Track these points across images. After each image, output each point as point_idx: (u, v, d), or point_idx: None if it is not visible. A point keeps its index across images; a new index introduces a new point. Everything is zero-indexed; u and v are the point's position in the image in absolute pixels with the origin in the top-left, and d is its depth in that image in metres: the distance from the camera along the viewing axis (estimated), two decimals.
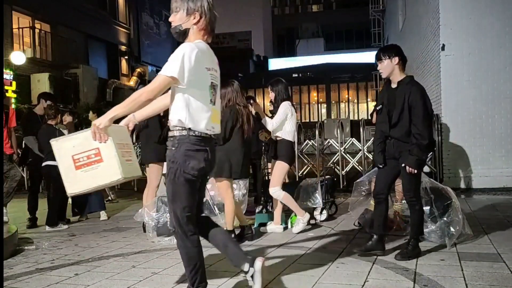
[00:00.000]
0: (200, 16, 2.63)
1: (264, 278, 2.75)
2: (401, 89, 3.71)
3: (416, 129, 3.61)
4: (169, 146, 2.62)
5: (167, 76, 2.49)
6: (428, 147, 3.67)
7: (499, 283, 3.06)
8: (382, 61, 3.75)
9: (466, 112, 8.00)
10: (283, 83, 4.97)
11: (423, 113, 3.60)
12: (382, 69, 3.78)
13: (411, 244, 3.75)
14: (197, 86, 2.58)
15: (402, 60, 3.76)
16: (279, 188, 4.77)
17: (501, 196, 7.22)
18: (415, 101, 3.61)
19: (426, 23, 9.68)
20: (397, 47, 3.85)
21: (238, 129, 4.46)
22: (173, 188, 2.60)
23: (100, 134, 2.52)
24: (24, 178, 10.10)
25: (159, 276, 3.51)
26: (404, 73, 3.81)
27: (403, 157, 3.68)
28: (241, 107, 4.50)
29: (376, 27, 22.43)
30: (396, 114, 3.69)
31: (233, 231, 4.52)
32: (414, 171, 3.64)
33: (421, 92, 3.67)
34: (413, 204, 3.78)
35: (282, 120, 4.77)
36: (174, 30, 2.66)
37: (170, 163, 2.59)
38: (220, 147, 4.47)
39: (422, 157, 3.65)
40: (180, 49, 2.53)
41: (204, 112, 2.61)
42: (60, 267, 3.89)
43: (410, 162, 3.63)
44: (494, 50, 7.94)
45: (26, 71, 16.13)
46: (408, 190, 3.77)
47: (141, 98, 2.49)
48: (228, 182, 4.52)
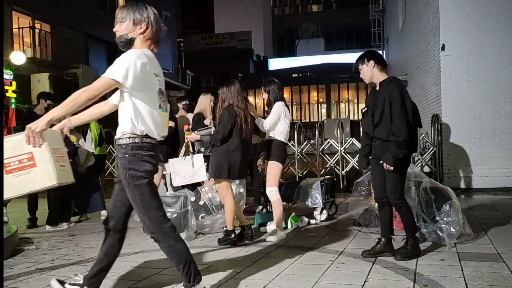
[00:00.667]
0: (147, 27, 2.70)
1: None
2: (382, 89, 3.75)
3: (393, 126, 3.61)
4: (121, 154, 2.61)
5: (110, 78, 2.51)
6: (407, 145, 3.63)
7: (499, 283, 3.06)
8: (360, 68, 3.85)
9: (466, 112, 8.00)
10: (276, 83, 4.96)
11: (399, 110, 3.59)
12: (363, 76, 3.86)
13: (409, 243, 3.75)
14: (146, 92, 2.63)
15: (378, 63, 3.81)
16: (276, 190, 4.77)
17: (501, 196, 7.22)
18: (393, 99, 3.62)
19: (426, 23, 9.68)
20: (370, 52, 3.91)
21: (236, 130, 4.45)
22: (139, 193, 2.60)
23: (35, 138, 2.49)
24: None
25: (159, 276, 3.51)
26: (386, 74, 3.86)
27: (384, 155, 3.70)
28: (238, 108, 4.49)
29: (376, 27, 22.46)
30: (378, 113, 3.71)
31: (233, 231, 4.52)
32: (390, 168, 3.62)
33: (399, 89, 3.66)
34: (400, 206, 3.76)
35: (275, 120, 4.76)
36: (119, 40, 2.70)
37: (127, 171, 2.59)
38: (219, 148, 4.48)
39: (398, 154, 3.59)
40: (127, 54, 2.57)
41: (154, 118, 2.65)
42: (60, 267, 3.89)
43: (386, 159, 3.62)
44: (494, 50, 7.95)
45: (26, 71, 16.11)
46: (393, 191, 3.72)
47: (81, 97, 2.49)
48: (227, 182, 4.52)
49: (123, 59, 2.55)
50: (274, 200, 4.76)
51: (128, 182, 2.60)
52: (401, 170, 3.73)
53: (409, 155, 3.80)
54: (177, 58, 31.12)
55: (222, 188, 4.54)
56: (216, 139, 4.45)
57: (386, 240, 3.82)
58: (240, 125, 4.46)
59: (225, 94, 4.53)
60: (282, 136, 4.81)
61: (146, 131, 2.61)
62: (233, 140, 4.46)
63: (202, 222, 5.21)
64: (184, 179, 5.17)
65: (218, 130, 4.45)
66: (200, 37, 39.24)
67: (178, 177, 5.10)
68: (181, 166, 5.19)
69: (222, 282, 3.26)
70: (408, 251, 3.71)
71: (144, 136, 2.60)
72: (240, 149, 4.50)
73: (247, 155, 4.68)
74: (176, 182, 5.12)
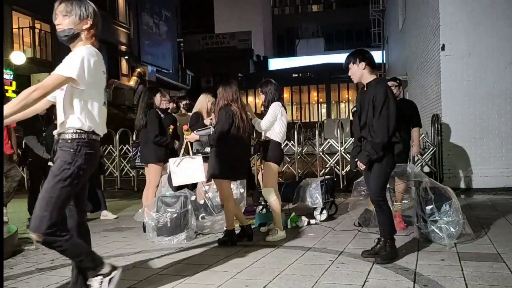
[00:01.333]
0: (92, 23, 2.68)
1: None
2: (369, 90, 3.76)
3: (372, 127, 3.64)
4: (66, 148, 2.58)
5: (65, 76, 2.49)
6: (384, 148, 3.62)
7: (499, 283, 3.06)
8: (350, 67, 3.82)
9: (466, 112, 8.00)
10: (273, 84, 4.96)
11: (380, 112, 3.60)
12: (352, 75, 3.84)
13: (388, 245, 3.70)
14: (96, 89, 2.66)
15: (369, 64, 3.81)
16: (273, 191, 4.77)
17: (501, 196, 7.22)
18: (377, 100, 3.63)
19: (426, 23, 9.68)
20: (362, 52, 3.87)
21: (233, 130, 4.45)
22: (65, 189, 2.53)
23: None
24: (24, 178, 10.10)
25: (159, 276, 3.51)
26: (375, 75, 3.86)
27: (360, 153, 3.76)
28: (235, 108, 4.49)
29: (376, 27, 22.47)
30: (364, 115, 3.74)
31: (233, 231, 4.52)
32: (363, 166, 3.67)
33: (383, 91, 3.65)
34: (381, 205, 3.76)
35: (272, 121, 4.76)
36: (63, 33, 2.65)
37: (66, 165, 2.54)
38: (217, 149, 4.48)
39: (372, 155, 3.61)
40: (79, 51, 2.57)
41: (100, 114, 2.69)
42: (60, 267, 3.88)
43: (360, 157, 3.68)
44: (494, 50, 7.95)
45: (26, 71, 16.13)
46: (374, 189, 3.75)
47: (34, 94, 2.44)
48: (227, 182, 4.52)
49: (75, 56, 2.54)
50: (272, 200, 4.76)
51: (56, 174, 2.55)
52: (384, 170, 3.72)
53: (393, 156, 3.77)
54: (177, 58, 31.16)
55: (222, 188, 4.54)
56: (215, 139, 4.45)
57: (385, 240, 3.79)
58: (238, 125, 4.45)
59: (221, 93, 4.54)
60: (278, 136, 4.81)
61: (94, 128, 2.64)
62: (231, 140, 4.46)
63: (202, 223, 5.21)
64: (184, 179, 5.17)
65: (216, 130, 4.45)
66: (200, 37, 39.26)
67: (177, 177, 5.09)
68: (181, 166, 5.19)
69: (222, 282, 3.26)
70: (388, 253, 3.67)
71: (90, 132, 2.63)
72: (239, 149, 4.50)
73: (246, 155, 4.67)
74: (176, 182, 5.11)
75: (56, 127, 2.73)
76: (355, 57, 3.80)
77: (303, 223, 5.33)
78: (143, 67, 24.71)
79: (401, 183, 5.03)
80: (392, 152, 3.73)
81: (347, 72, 3.89)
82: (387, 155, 3.69)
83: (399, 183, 5.06)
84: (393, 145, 3.72)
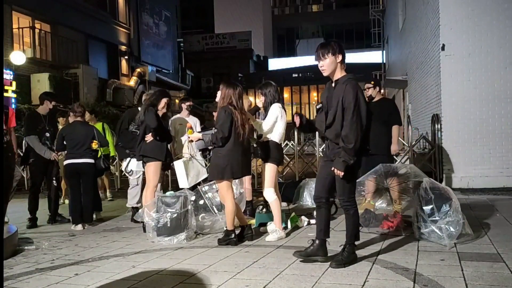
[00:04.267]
0: None
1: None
2: (338, 88, 3.55)
3: (343, 131, 3.46)
4: None
5: None
6: (357, 152, 3.47)
7: (499, 283, 3.06)
8: (326, 58, 3.53)
9: (466, 112, 8.00)
10: (273, 86, 4.98)
11: (351, 116, 3.43)
12: (325, 67, 3.55)
13: (346, 250, 3.61)
14: None
15: (344, 59, 3.60)
16: (273, 191, 4.78)
17: (501, 196, 7.22)
18: (347, 103, 3.45)
19: (426, 23, 9.68)
20: (340, 44, 3.64)
21: (234, 129, 4.46)
22: None
23: None
24: (24, 178, 10.10)
25: (159, 276, 3.51)
26: (344, 71, 3.62)
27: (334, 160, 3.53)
28: (235, 107, 4.49)
29: (376, 27, 22.46)
30: (331, 114, 3.55)
31: (233, 231, 4.52)
32: (341, 174, 3.47)
33: (354, 92, 3.45)
34: (348, 209, 3.63)
35: (272, 122, 4.78)
36: None
37: None
38: (219, 149, 4.48)
39: (349, 161, 3.44)
40: None
41: None
42: (60, 267, 3.89)
43: (337, 165, 3.47)
44: (494, 50, 7.94)
45: (26, 71, 16.10)
46: (341, 194, 3.61)
47: None
48: (228, 183, 4.53)
49: None
50: (272, 200, 4.77)
51: None
52: (351, 173, 3.58)
53: (360, 158, 3.62)
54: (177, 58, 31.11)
55: (222, 188, 4.54)
56: (218, 139, 4.44)
57: (320, 242, 3.70)
58: (237, 124, 4.47)
59: (223, 93, 4.55)
60: (277, 137, 4.83)
61: None
62: (232, 139, 4.47)
63: (202, 223, 5.21)
64: (193, 179, 5.27)
65: (218, 129, 4.45)
66: (200, 37, 39.24)
67: (188, 178, 5.18)
68: (188, 167, 5.28)
69: (222, 282, 3.26)
70: (344, 258, 3.57)
71: None
72: (240, 148, 4.51)
73: (248, 153, 4.68)
74: (186, 183, 5.17)
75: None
76: (334, 48, 3.53)
77: (303, 223, 5.32)
78: (143, 67, 24.69)
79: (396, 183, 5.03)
80: (360, 157, 3.58)
81: (317, 60, 3.58)
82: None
83: (394, 184, 5.06)
84: (363, 150, 3.59)
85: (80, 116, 6.12)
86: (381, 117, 5.90)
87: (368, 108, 3.57)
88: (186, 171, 5.21)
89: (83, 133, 5.96)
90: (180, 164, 5.23)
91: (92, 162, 5.98)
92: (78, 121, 6.09)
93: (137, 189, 6.14)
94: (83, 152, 5.88)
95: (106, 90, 20.69)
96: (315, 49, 3.65)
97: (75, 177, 5.94)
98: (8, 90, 13.83)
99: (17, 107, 13.76)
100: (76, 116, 6.10)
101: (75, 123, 6.07)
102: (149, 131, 5.19)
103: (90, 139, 5.94)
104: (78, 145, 5.87)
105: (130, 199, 6.26)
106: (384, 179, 4.99)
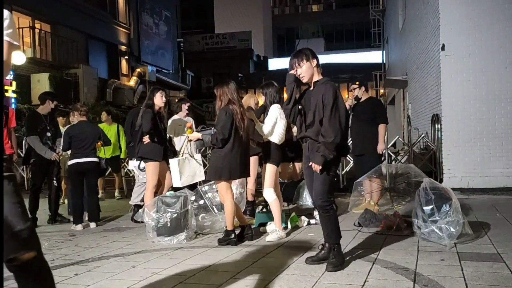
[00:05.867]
0: None
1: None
2: (317, 88, 3.62)
3: (323, 127, 3.49)
4: None
5: None
6: (337, 148, 3.48)
7: (499, 283, 3.06)
8: (301, 65, 3.63)
9: (466, 112, 8.00)
10: (275, 86, 4.98)
11: (330, 112, 3.47)
12: (303, 73, 3.64)
13: (335, 250, 3.57)
14: None
15: (318, 63, 3.70)
16: (272, 191, 4.78)
17: (501, 196, 7.22)
18: (326, 100, 3.50)
19: (426, 23, 9.68)
20: (311, 50, 3.75)
21: (233, 130, 4.46)
22: None
23: None
24: (25, 178, 10.11)
25: (159, 276, 3.51)
26: (321, 74, 3.71)
27: (311, 156, 3.55)
28: (234, 106, 4.49)
29: (376, 27, 22.45)
30: (311, 114, 3.59)
31: (233, 231, 4.52)
32: (318, 168, 3.47)
33: (333, 91, 3.53)
34: (327, 210, 3.57)
35: (272, 123, 4.80)
36: None
37: None
38: (218, 149, 4.48)
39: (328, 156, 3.45)
40: None
41: None
42: (60, 267, 3.89)
43: (315, 159, 3.47)
44: (494, 50, 7.94)
45: (26, 71, 16.11)
46: (320, 193, 3.55)
47: None
48: (227, 183, 4.53)
49: None
50: (272, 201, 4.77)
51: None
52: (329, 172, 3.57)
53: (338, 158, 3.65)
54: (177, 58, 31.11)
55: (222, 188, 4.54)
56: (218, 140, 4.44)
57: (330, 246, 3.65)
58: (238, 125, 4.46)
59: (219, 94, 4.56)
60: (277, 138, 4.84)
61: None
62: (232, 140, 4.46)
63: (202, 223, 5.21)
64: (187, 179, 5.23)
65: (218, 131, 4.44)
66: (200, 37, 39.24)
67: (181, 178, 5.14)
68: (183, 166, 5.24)
69: (222, 282, 3.26)
70: (337, 260, 3.53)
71: None
72: (240, 149, 4.50)
73: (247, 153, 4.67)
74: (179, 182, 5.15)
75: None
76: (307, 54, 3.65)
77: (303, 223, 5.32)
78: (143, 67, 24.69)
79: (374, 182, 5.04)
80: (340, 154, 3.60)
81: (294, 70, 3.65)
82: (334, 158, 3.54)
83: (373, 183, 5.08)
84: (342, 149, 3.59)
85: (84, 115, 6.14)
86: (368, 116, 5.93)
87: (346, 109, 3.63)
88: (180, 170, 5.18)
89: (91, 133, 5.97)
90: (175, 163, 5.20)
91: (97, 161, 6.01)
92: (83, 121, 6.10)
93: (144, 187, 6.14)
94: (89, 151, 5.90)
95: (106, 90, 20.70)
96: (290, 61, 3.69)
97: (79, 177, 5.95)
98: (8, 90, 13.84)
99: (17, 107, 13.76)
100: (81, 116, 6.11)
101: (81, 123, 6.07)
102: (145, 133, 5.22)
103: (97, 139, 5.97)
104: (86, 145, 5.88)
105: (135, 197, 6.28)
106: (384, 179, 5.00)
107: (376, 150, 5.93)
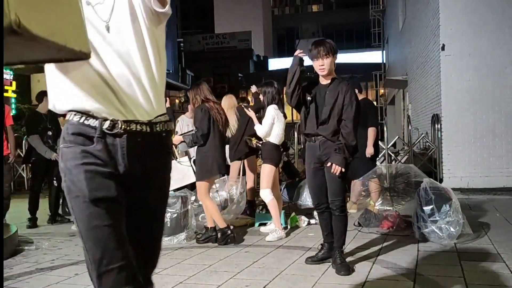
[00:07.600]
0: None
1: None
2: (334, 86, 3.53)
3: (346, 129, 3.44)
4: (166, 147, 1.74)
5: None
6: (354, 150, 3.48)
7: (499, 283, 3.06)
8: (328, 57, 3.50)
9: (466, 112, 8.00)
10: (275, 87, 4.97)
11: (354, 114, 3.44)
12: (325, 66, 3.51)
13: (340, 253, 3.51)
14: None
15: None
16: (269, 192, 4.78)
17: (501, 196, 7.21)
18: (348, 101, 3.44)
19: (426, 23, 9.68)
20: (335, 46, 3.62)
21: (212, 124, 4.53)
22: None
23: None
24: (24, 178, 10.10)
25: (159, 276, 3.51)
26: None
27: (331, 156, 3.45)
28: (210, 102, 4.56)
29: (376, 27, 22.44)
30: (326, 110, 3.49)
31: (228, 228, 4.54)
32: (341, 170, 3.39)
33: (354, 92, 3.52)
34: (344, 209, 3.55)
35: (269, 124, 4.80)
36: None
37: None
38: (202, 148, 4.53)
39: (349, 158, 3.44)
40: None
41: None
42: (60, 267, 3.88)
43: (337, 160, 3.39)
44: (494, 50, 7.94)
45: (26, 71, 16.09)
46: (338, 194, 3.51)
47: None
48: (207, 183, 4.59)
49: None
50: (269, 201, 4.78)
51: None
52: (345, 174, 3.52)
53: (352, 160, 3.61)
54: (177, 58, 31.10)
55: (201, 189, 4.58)
56: (198, 137, 4.50)
57: (329, 245, 3.66)
58: (215, 119, 4.54)
59: (192, 95, 4.64)
60: (275, 139, 4.84)
61: None
62: (212, 134, 4.54)
63: (202, 223, 5.21)
64: (176, 182, 5.23)
65: (197, 128, 4.52)
66: (200, 37, 39.21)
67: None
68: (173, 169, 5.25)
69: (222, 282, 3.26)
70: (346, 264, 3.47)
71: None
72: (221, 142, 4.63)
73: (224, 149, 4.81)
74: None
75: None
76: (335, 49, 3.54)
77: (303, 223, 5.32)
78: None
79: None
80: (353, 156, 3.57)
81: (317, 58, 3.52)
82: None
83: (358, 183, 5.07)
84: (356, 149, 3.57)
85: None
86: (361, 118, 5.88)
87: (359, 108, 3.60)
88: None
89: None
90: None
91: None
92: None
93: None
94: None
95: None
96: (313, 46, 3.59)
97: None
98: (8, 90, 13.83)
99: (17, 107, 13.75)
100: None
101: None
102: None
103: None
104: None
105: None
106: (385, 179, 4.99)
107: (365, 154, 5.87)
